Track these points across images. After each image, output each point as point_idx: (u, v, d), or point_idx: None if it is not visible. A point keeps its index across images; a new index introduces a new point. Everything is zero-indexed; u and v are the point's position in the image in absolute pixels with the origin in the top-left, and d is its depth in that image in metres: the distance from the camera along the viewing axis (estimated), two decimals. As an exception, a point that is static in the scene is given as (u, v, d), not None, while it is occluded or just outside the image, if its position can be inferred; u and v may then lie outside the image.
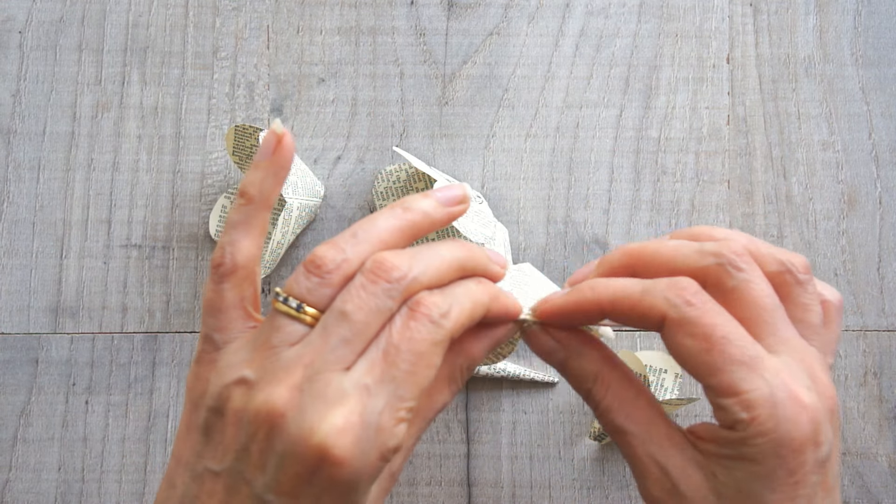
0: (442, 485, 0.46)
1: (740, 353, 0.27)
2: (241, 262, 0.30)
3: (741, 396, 0.27)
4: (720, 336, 0.28)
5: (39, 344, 0.47)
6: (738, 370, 0.27)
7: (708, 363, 0.28)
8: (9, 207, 0.47)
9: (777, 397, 0.27)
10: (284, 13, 0.48)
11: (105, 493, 0.46)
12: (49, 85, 0.48)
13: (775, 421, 0.27)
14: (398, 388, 0.27)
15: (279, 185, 0.31)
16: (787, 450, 0.27)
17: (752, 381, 0.27)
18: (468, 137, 0.48)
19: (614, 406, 0.31)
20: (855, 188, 0.48)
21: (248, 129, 0.44)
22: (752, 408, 0.27)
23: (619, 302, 0.30)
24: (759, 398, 0.27)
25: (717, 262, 0.29)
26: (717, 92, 0.48)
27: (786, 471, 0.27)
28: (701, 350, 0.28)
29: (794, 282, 0.30)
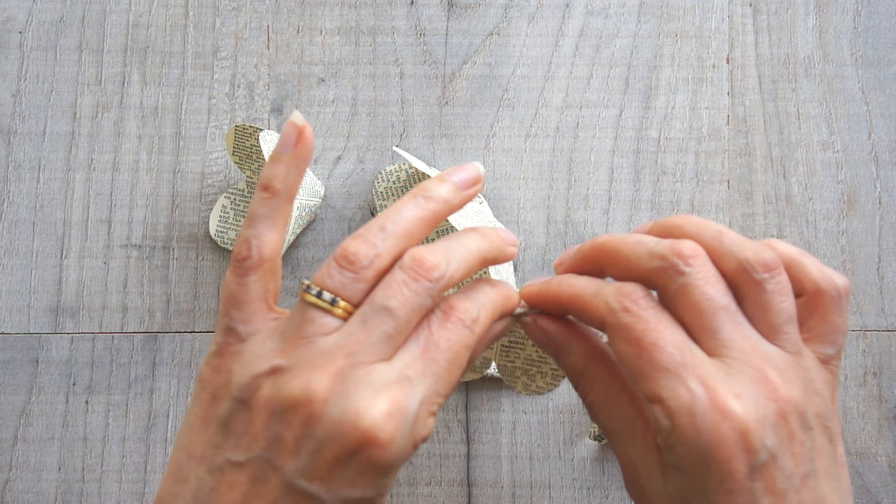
0: (442, 485, 0.46)
1: (667, 359, 0.28)
2: (267, 255, 0.31)
3: (663, 404, 0.27)
4: (649, 342, 0.28)
5: (39, 344, 0.47)
6: (662, 377, 0.27)
7: (637, 368, 0.28)
8: (9, 207, 0.47)
9: (697, 406, 0.27)
10: (284, 13, 0.48)
11: (105, 493, 0.46)
12: (49, 85, 0.48)
13: (695, 430, 0.27)
14: (436, 383, 0.28)
15: (301, 177, 0.32)
16: (710, 458, 0.27)
17: (674, 389, 0.27)
18: (468, 137, 0.48)
19: (597, 403, 0.31)
20: (855, 188, 0.48)
21: (248, 129, 0.44)
22: (673, 415, 0.27)
23: (573, 301, 0.31)
24: (680, 406, 0.27)
25: (661, 266, 0.29)
26: (716, 92, 0.48)
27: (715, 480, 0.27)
28: (632, 355, 0.28)
29: (750, 281, 0.29)
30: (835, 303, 0.30)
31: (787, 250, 0.31)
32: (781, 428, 0.27)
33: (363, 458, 0.27)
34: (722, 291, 0.29)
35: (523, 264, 0.47)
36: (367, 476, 0.27)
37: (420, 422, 0.28)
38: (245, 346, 0.30)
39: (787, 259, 0.31)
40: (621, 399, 0.31)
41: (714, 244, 0.30)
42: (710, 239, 0.30)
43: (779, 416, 0.27)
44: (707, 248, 0.30)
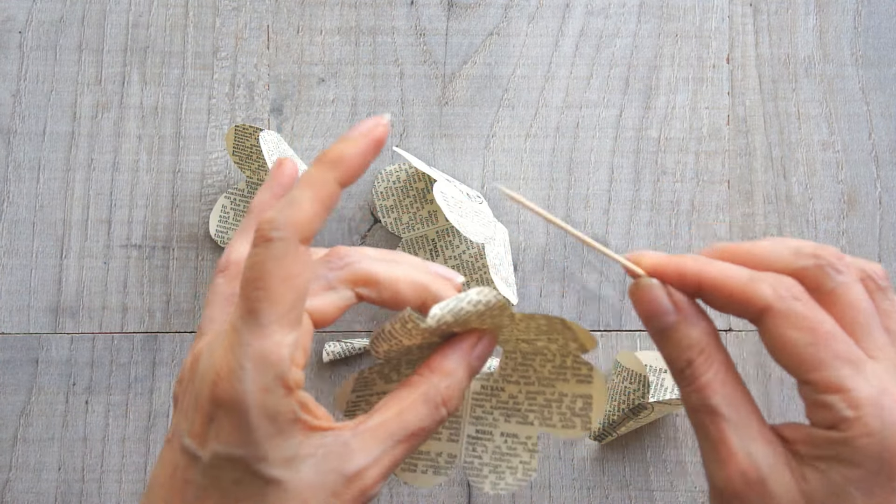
0: (442, 485, 0.46)
1: (846, 350, 0.27)
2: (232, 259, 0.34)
3: (847, 394, 0.27)
4: (827, 331, 0.27)
5: (39, 344, 0.47)
6: (844, 367, 0.27)
7: (813, 357, 0.27)
8: (9, 207, 0.47)
9: (883, 399, 0.27)
10: (284, 13, 0.48)
11: (105, 493, 0.46)
12: (49, 85, 0.48)
13: (881, 422, 0.26)
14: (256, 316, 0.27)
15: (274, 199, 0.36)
16: (889, 453, 0.26)
17: (857, 380, 0.27)
18: (468, 137, 0.48)
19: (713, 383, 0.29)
20: (855, 188, 0.48)
21: (248, 129, 0.44)
22: (859, 406, 0.27)
23: (724, 282, 0.29)
24: (866, 398, 0.27)
25: (817, 264, 0.29)
26: (717, 92, 0.48)
27: (886, 475, 0.27)
28: (807, 343, 0.27)
29: (877, 288, 0.29)
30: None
31: None
32: None
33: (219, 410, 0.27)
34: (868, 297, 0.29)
35: (523, 264, 0.47)
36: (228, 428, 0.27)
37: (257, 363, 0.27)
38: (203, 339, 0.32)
39: None
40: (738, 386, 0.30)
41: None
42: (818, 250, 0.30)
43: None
44: None
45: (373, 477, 0.29)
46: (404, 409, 0.30)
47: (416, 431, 0.30)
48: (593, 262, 0.47)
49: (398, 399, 0.30)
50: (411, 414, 0.30)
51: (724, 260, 0.30)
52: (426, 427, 0.30)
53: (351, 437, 0.29)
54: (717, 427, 0.29)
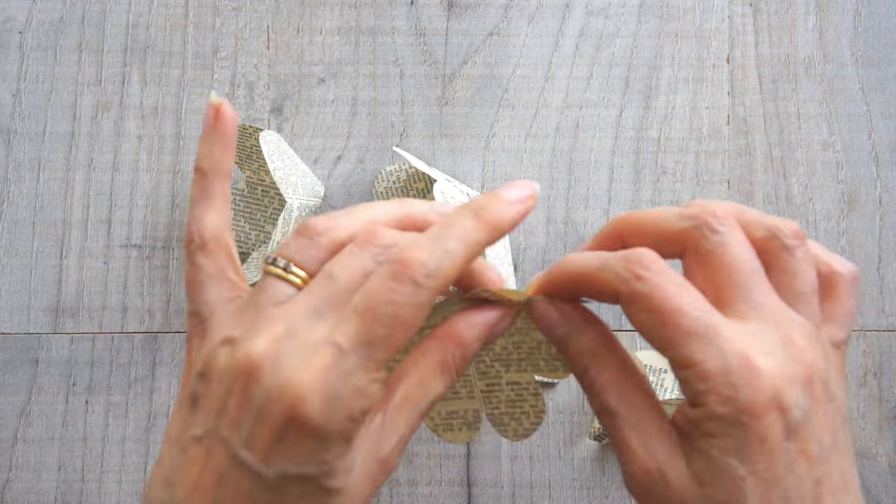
0: (442, 485, 0.46)
1: (694, 323, 0.27)
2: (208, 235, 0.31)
3: (696, 368, 0.27)
4: (672, 308, 0.27)
5: (39, 344, 0.47)
6: (692, 341, 0.27)
7: (663, 336, 0.27)
8: (9, 207, 0.47)
9: (730, 365, 0.26)
10: (284, 13, 0.48)
11: (105, 493, 0.46)
12: (49, 85, 0.48)
13: (731, 388, 0.26)
14: (373, 351, 0.27)
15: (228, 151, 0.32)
16: (748, 416, 0.26)
17: (705, 351, 0.27)
18: (468, 137, 0.48)
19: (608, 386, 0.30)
20: (855, 188, 0.48)
21: (248, 129, 0.44)
22: (708, 378, 0.26)
23: (580, 277, 0.30)
24: (713, 368, 0.26)
25: (693, 224, 0.29)
26: (717, 92, 0.48)
27: (755, 439, 0.26)
28: (655, 324, 0.27)
29: (781, 247, 0.29)
30: (849, 286, 0.30)
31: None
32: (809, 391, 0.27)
33: (294, 429, 0.26)
34: (754, 255, 0.29)
35: (523, 264, 0.47)
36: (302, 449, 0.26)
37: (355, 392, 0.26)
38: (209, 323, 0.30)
39: None
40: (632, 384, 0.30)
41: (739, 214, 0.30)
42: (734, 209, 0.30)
43: (806, 380, 0.27)
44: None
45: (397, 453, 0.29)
46: (424, 378, 0.30)
47: (434, 399, 0.30)
48: (593, 262, 0.47)
49: (416, 367, 0.30)
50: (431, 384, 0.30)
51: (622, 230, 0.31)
52: (441, 394, 0.30)
53: (384, 421, 0.29)
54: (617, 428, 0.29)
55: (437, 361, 0.30)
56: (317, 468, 0.27)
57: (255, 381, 0.27)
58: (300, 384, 0.26)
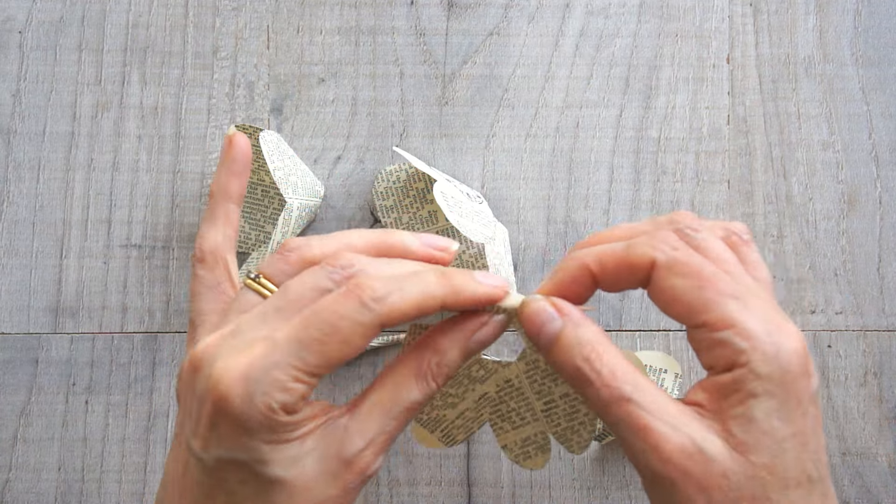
0: (442, 485, 0.46)
1: (731, 288, 0.28)
2: (207, 249, 0.35)
3: (739, 327, 0.28)
4: (710, 273, 0.29)
5: (39, 344, 0.47)
6: (731, 303, 0.28)
7: (702, 299, 0.28)
8: (9, 207, 0.47)
9: (770, 326, 0.28)
10: (284, 13, 0.48)
11: (105, 493, 0.46)
12: (49, 85, 0.48)
13: (775, 347, 0.27)
14: (302, 350, 0.27)
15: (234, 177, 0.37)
16: (790, 376, 0.27)
17: (745, 314, 0.28)
18: (468, 137, 0.48)
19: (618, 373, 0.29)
20: (855, 188, 0.48)
21: (248, 129, 0.44)
22: (751, 337, 0.27)
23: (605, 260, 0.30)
24: (756, 328, 0.28)
25: (675, 228, 0.30)
26: (717, 92, 0.48)
27: (795, 399, 0.27)
28: (694, 287, 0.29)
29: (741, 242, 0.31)
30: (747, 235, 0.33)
31: None
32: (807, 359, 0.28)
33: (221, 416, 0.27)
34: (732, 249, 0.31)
35: (523, 264, 0.47)
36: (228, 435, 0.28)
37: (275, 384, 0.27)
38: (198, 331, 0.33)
39: None
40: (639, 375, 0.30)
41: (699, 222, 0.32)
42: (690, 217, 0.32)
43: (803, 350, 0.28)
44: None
45: (370, 456, 0.30)
46: (398, 384, 0.30)
47: (410, 406, 0.30)
48: (593, 262, 0.47)
49: (391, 374, 0.31)
50: (404, 391, 0.30)
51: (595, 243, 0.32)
52: (418, 401, 0.30)
53: (348, 421, 0.30)
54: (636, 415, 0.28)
55: (412, 368, 0.30)
56: (246, 454, 0.28)
57: (198, 374, 0.29)
58: (226, 373, 0.27)
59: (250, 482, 0.28)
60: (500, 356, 0.46)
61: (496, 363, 0.35)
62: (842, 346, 0.47)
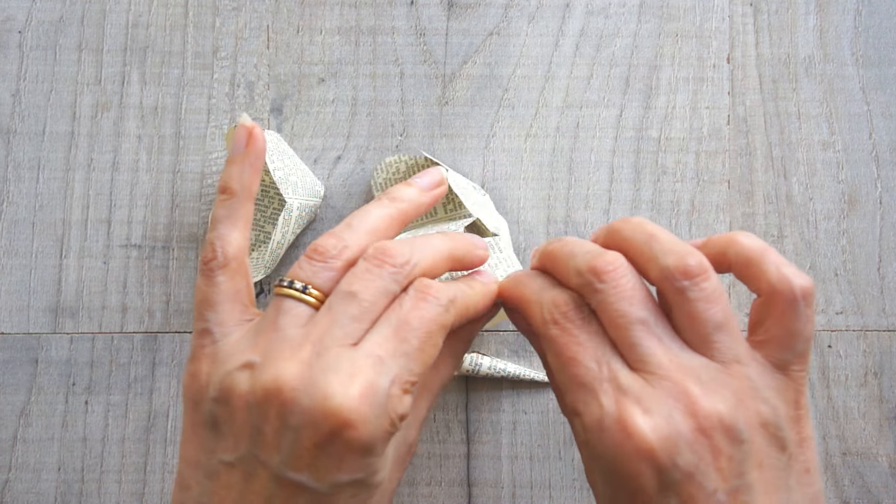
0: (442, 485, 0.46)
1: (584, 373, 0.28)
2: (231, 255, 0.31)
3: (580, 418, 0.28)
4: (569, 356, 0.28)
5: (39, 344, 0.47)
6: (578, 392, 0.28)
7: (560, 381, 0.29)
8: (9, 207, 0.47)
9: (605, 422, 0.27)
10: (284, 13, 0.48)
11: (105, 493, 0.46)
12: (49, 85, 0.48)
13: (603, 445, 0.27)
14: (408, 362, 0.28)
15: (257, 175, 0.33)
16: (619, 474, 0.27)
17: (587, 403, 0.27)
18: (468, 137, 0.48)
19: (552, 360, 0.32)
20: (855, 188, 0.48)
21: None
22: (587, 430, 0.27)
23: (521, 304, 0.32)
24: (592, 421, 0.27)
25: (580, 283, 0.29)
26: (717, 92, 0.48)
27: (627, 494, 0.27)
28: (557, 368, 0.29)
29: (672, 290, 0.28)
30: (790, 306, 0.28)
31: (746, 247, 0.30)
32: (701, 444, 0.26)
33: (341, 442, 0.27)
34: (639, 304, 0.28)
35: (524, 264, 0.47)
36: (350, 459, 0.27)
37: (394, 399, 0.28)
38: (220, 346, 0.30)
39: (746, 257, 0.29)
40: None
41: (643, 249, 0.29)
42: (640, 244, 0.29)
43: (698, 432, 0.26)
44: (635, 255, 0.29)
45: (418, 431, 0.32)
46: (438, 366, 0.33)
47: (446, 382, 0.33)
48: (593, 262, 0.47)
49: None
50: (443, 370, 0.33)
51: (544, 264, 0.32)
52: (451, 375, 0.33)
53: None
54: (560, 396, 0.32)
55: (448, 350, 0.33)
56: (364, 472, 0.28)
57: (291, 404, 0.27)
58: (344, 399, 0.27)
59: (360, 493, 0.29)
60: (500, 356, 0.46)
61: None
62: (842, 346, 0.47)
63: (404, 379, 0.28)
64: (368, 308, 0.29)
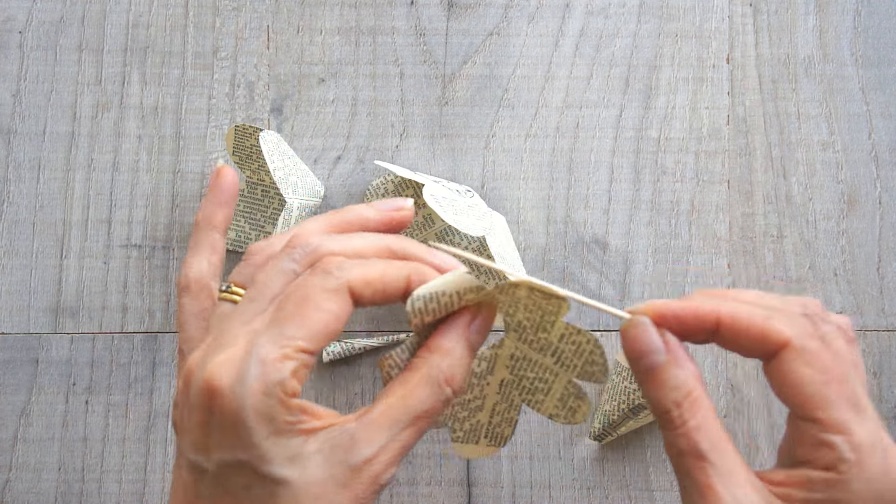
0: (442, 485, 0.46)
1: (854, 395, 0.28)
2: (192, 277, 0.35)
3: (851, 436, 0.27)
4: (841, 373, 0.28)
5: (39, 344, 0.47)
6: (849, 410, 0.27)
7: (822, 395, 0.28)
8: (9, 207, 0.47)
9: (885, 446, 0.27)
10: (284, 13, 0.48)
11: (105, 493, 0.46)
12: (49, 85, 0.48)
13: (881, 470, 0.27)
14: (281, 327, 0.28)
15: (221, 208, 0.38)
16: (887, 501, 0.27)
17: (860, 425, 0.27)
18: (468, 137, 0.48)
19: (702, 427, 0.29)
20: (855, 188, 0.48)
21: (248, 129, 0.44)
22: (860, 450, 0.27)
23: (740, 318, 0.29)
24: (868, 443, 0.27)
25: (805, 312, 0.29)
26: (717, 92, 0.48)
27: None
28: (819, 381, 0.28)
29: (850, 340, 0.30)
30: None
31: None
32: None
33: (215, 413, 0.27)
34: None
35: (524, 264, 0.47)
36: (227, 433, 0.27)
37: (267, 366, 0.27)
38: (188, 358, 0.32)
39: None
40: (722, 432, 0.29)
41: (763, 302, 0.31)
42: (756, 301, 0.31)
43: None
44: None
45: (382, 464, 0.29)
46: (407, 393, 0.30)
47: (421, 414, 0.30)
48: (593, 262, 0.47)
49: (402, 383, 0.30)
50: (415, 398, 0.30)
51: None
52: (431, 408, 0.30)
53: (356, 428, 0.29)
54: (705, 473, 0.28)
55: (421, 375, 0.30)
56: (247, 453, 0.27)
57: (190, 386, 0.28)
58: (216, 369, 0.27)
59: (255, 485, 0.28)
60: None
61: (490, 349, 0.35)
62: (842, 346, 0.47)
63: (278, 343, 0.27)
64: (261, 289, 0.29)
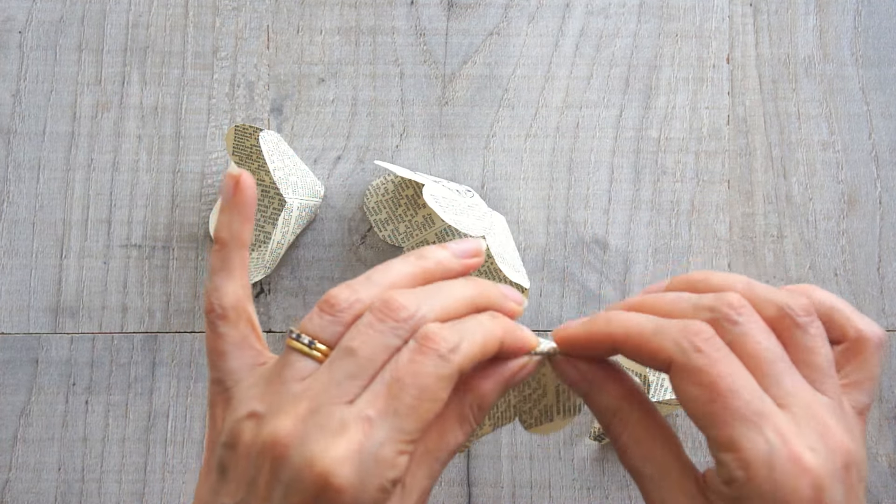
0: (442, 485, 0.46)
1: (745, 407, 0.27)
2: (228, 305, 0.31)
3: (739, 454, 0.26)
4: (725, 388, 0.27)
5: (39, 344, 0.47)
6: (739, 425, 0.27)
7: (710, 414, 0.27)
8: (9, 207, 0.47)
9: (776, 458, 0.26)
10: (284, 13, 0.48)
11: (105, 493, 0.46)
12: (49, 85, 0.48)
13: (772, 484, 0.26)
14: (400, 421, 0.27)
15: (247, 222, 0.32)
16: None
17: (751, 439, 0.26)
18: (468, 137, 0.48)
19: (631, 445, 0.30)
20: (855, 188, 0.48)
21: (248, 129, 0.44)
22: (749, 467, 0.26)
23: (631, 338, 0.29)
24: (757, 458, 0.26)
25: (711, 317, 0.28)
26: (717, 92, 0.48)
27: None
28: (705, 400, 0.27)
29: (794, 325, 0.29)
30: (876, 350, 0.30)
31: (822, 296, 0.31)
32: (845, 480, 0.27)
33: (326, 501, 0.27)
34: (775, 341, 0.28)
35: (524, 264, 0.47)
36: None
37: (384, 463, 0.27)
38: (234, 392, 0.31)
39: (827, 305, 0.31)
40: (656, 441, 0.30)
41: (748, 294, 0.29)
42: (742, 289, 0.30)
43: (844, 469, 0.27)
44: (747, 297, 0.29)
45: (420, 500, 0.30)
46: (444, 431, 0.30)
47: (454, 450, 0.31)
48: (593, 262, 0.47)
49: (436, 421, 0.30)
50: (450, 436, 0.30)
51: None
52: (461, 443, 0.31)
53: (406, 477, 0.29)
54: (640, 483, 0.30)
55: (456, 414, 0.31)
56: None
57: (283, 460, 0.27)
58: (330, 459, 0.26)
59: None
60: None
61: None
62: (842, 346, 0.47)
63: (396, 440, 0.27)
64: (365, 364, 0.28)
